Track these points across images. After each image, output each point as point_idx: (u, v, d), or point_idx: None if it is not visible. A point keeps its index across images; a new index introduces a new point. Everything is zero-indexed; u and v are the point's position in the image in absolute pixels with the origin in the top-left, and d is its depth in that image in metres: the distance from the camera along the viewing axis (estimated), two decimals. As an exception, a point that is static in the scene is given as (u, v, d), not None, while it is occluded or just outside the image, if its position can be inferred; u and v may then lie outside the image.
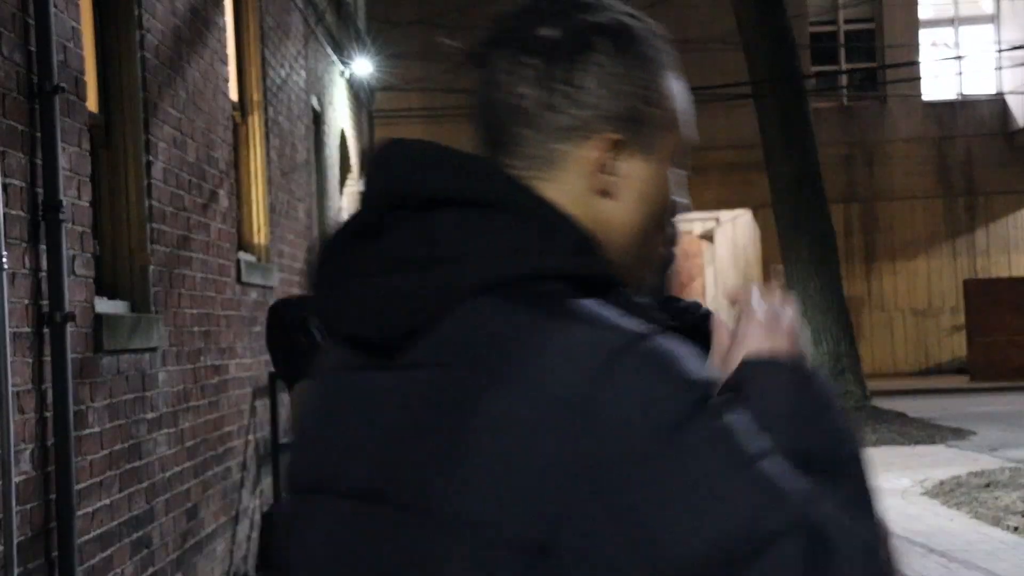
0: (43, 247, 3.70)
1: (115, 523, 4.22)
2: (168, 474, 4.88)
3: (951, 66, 20.85)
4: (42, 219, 3.69)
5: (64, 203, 3.76)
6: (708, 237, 30.87)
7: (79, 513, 3.83)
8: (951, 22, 22.69)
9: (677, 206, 1.09)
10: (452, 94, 18.47)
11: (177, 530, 4.97)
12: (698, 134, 1.15)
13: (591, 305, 0.86)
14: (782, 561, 0.79)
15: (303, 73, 8.79)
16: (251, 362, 6.46)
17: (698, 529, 0.79)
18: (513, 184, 0.93)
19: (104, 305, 4.33)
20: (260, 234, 6.98)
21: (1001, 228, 22.68)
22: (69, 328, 3.77)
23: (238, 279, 6.19)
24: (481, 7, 19.59)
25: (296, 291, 8.03)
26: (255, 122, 7.04)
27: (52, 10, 3.76)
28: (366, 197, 1.02)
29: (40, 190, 3.70)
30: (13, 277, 3.48)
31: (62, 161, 3.80)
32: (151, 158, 4.80)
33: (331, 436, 0.94)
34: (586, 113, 0.95)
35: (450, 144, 1.06)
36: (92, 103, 4.45)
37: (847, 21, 22.58)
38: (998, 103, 22.44)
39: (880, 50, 22.21)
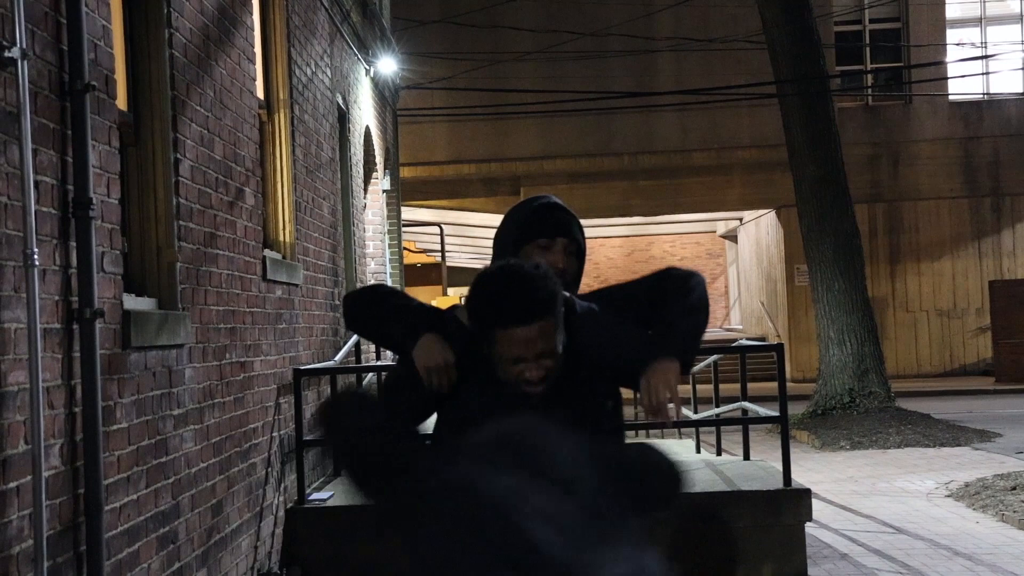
0: (73, 244, 3.73)
1: (142, 518, 4.25)
2: (194, 470, 4.91)
3: (977, 66, 20.68)
4: (72, 216, 3.72)
5: (94, 200, 3.79)
6: (731, 237, 30.77)
7: (107, 508, 3.86)
8: (978, 21, 22.50)
9: None
10: (475, 93, 18.50)
11: (202, 526, 5.00)
12: (722, 134, 1.15)
13: None
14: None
15: (329, 72, 8.82)
16: (276, 359, 6.49)
17: None
18: None
19: (132, 302, 4.36)
20: (286, 232, 7.01)
21: (1027, 229, 22.48)
22: (98, 324, 3.80)
23: (263, 276, 6.22)
24: (504, 7, 19.62)
25: (322, 288, 8.06)
26: (281, 120, 7.07)
27: (83, 9, 3.79)
28: None
29: (71, 187, 3.74)
30: (44, 273, 3.52)
31: (92, 159, 3.83)
32: (179, 156, 4.83)
33: None
34: None
35: (469, 141, 1.06)
36: (121, 101, 4.48)
37: (872, 20, 22.44)
38: (1025, 103, 22.24)
39: (906, 49, 22.05)
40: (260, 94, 6.72)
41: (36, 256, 3.39)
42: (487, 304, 2.25)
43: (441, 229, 23.49)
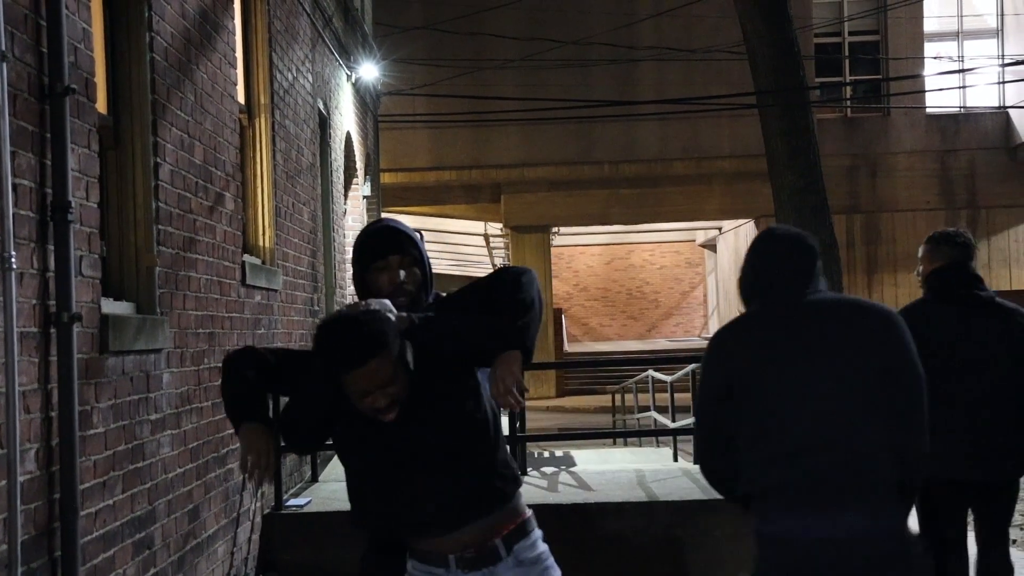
0: (51, 247, 3.72)
1: (118, 523, 4.23)
2: (170, 475, 4.89)
3: (954, 79, 20.87)
4: (50, 219, 3.71)
5: (72, 204, 3.77)
6: (710, 246, 30.88)
7: (82, 513, 3.84)
8: (955, 36, 22.72)
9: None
10: (457, 99, 18.51)
11: (179, 531, 4.98)
12: (702, 144, 1.18)
13: None
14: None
15: (310, 77, 8.81)
16: (254, 365, 6.47)
17: None
18: None
19: (110, 306, 4.34)
20: (265, 237, 7.00)
21: (1002, 241, 22.68)
22: (75, 328, 3.78)
23: (243, 281, 6.20)
24: (486, 15, 19.64)
25: (301, 294, 8.04)
26: (262, 125, 7.06)
27: (64, 12, 3.78)
28: None
29: (49, 190, 3.72)
30: (21, 277, 3.50)
31: (71, 162, 3.81)
32: (159, 160, 4.82)
33: None
34: None
35: (450, 147, 1.11)
36: (101, 104, 4.47)
37: (852, 33, 22.61)
38: (1001, 117, 22.46)
39: (884, 62, 22.23)
40: (241, 99, 6.70)
41: (14, 259, 3.38)
42: (326, 354, 2.57)
43: (421, 235, 23.41)
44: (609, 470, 8.02)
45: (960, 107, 22.52)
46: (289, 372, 2.81)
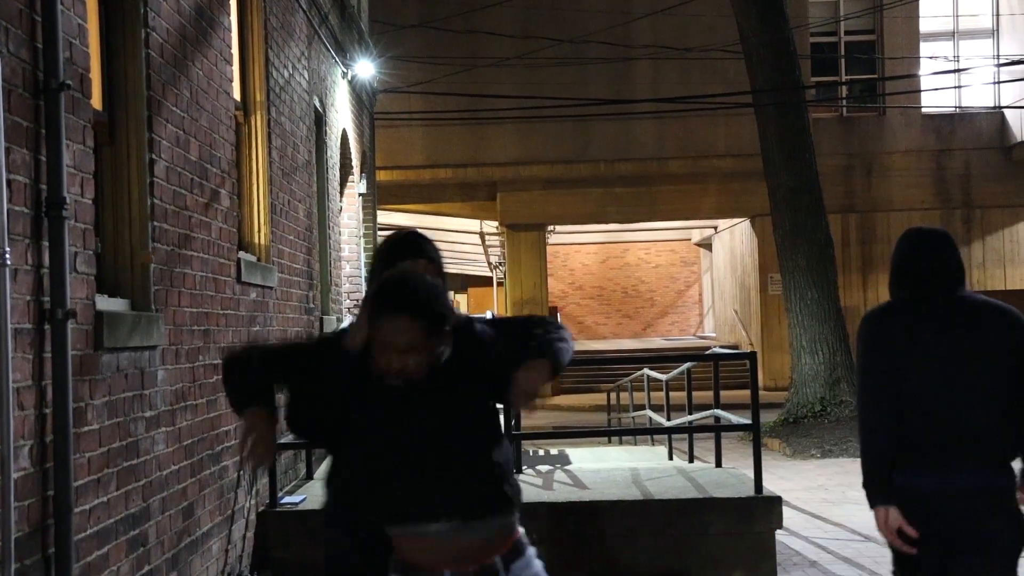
0: (46, 244, 3.71)
1: (112, 520, 4.23)
2: (165, 472, 4.88)
3: (950, 79, 20.90)
4: (45, 216, 3.70)
5: (67, 200, 3.76)
6: (706, 245, 30.89)
7: (76, 510, 3.83)
8: (951, 36, 22.74)
9: None
10: (453, 97, 18.50)
11: (173, 528, 4.97)
12: (698, 143, 1.18)
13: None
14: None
15: (306, 74, 8.80)
16: (249, 362, 6.46)
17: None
18: None
19: (104, 303, 4.33)
20: (260, 234, 6.99)
21: (997, 241, 22.72)
22: (70, 325, 3.77)
23: (238, 279, 6.19)
24: (482, 13, 19.67)
25: (296, 291, 8.03)
26: (257, 122, 7.05)
27: (59, 7, 3.77)
28: None
29: (44, 187, 3.71)
30: (16, 273, 3.49)
31: (66, 158, 3.80)
32: (154, 156, 4.81)
33: None
34: None
35: (446, 145, 1.11)
36: (96, 101, 4.46)
37: (848, 33, 22.63)
38: (996, 117, 22.49)
39: (880, 62, 22.25)
40: (237, 95, 6.69)
41: (8, 256, 3.37)
42: (377, 292, 2.64)
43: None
44: (604, 468, 8.03)
45: (956, 107, 22.55)
46: (295, 361, 2.85)
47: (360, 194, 12.54)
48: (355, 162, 12.23)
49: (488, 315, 13.08)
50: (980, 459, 3.35)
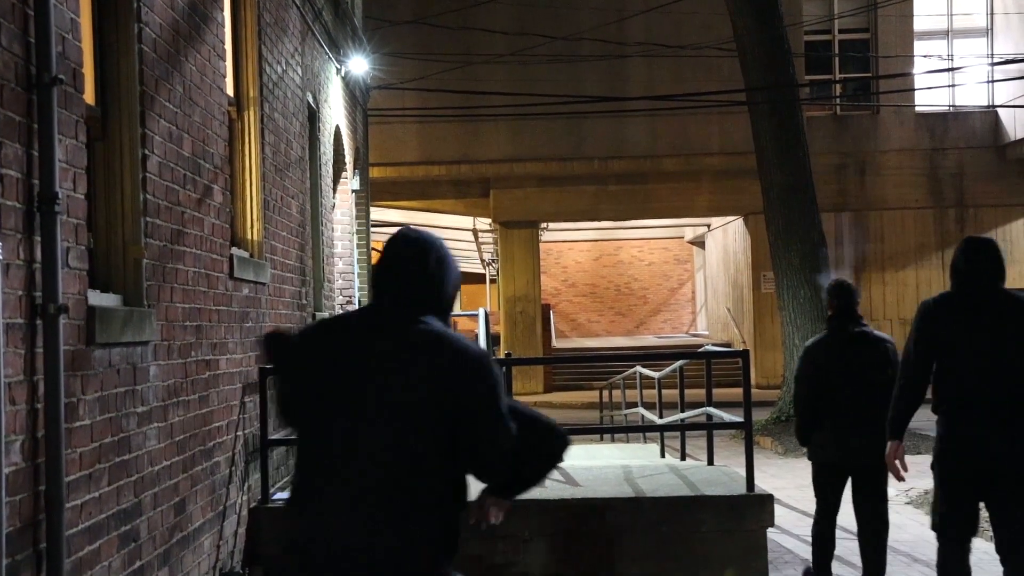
0: (38, 239, 3.70)
1: (103, 516, 4.22)
2: (157, 468, 4.88)
3: (944, 78, 20.94)
4: (37, 210, 3.69)
5: (60, 195, 3.76)
6: (699, 243, 30.92)
7: (68, 505, 3.82)
8: (945, 34, 22.79)
9: None
10: (447, 94, 18.50)
11: (164, 524, 4.97)
12: (692, 140, 1.18)
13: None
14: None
15: (299, 70, 8.79)
16: (241, 357, 6.46)
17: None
18: None
19: (97, 298, 4.33)
20: (253, 230, 6.98)
21: (990, 240, 22.77)
22: (62, 320, 3.77)
23: (230, 274, 6.19)
24: (476, 10, 19.60)
25: (289, 288, 8.02)
26: (251, 118, 7.04)
27: (52, 2, 3.76)
28: None
29: (36, 181, 3.70)
30: (7, 268, 3.48)
31: (58, 153, 3.79)
32: (146, 152, 4.80)
33: None
34: None
35: (439, 142, 1.11)
36: (89, 95, 4.45)
37: (842, 31, 22.66)
38: (990, 116, 22.55)
39: (874, 60, 22.29)
40: (230, 91, 6.68)
41: (0, 250, 3.36)
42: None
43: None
44: (596, 466, 8.03)
45: (949, 106, 22.60)
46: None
47: (353, 190, 12.52)
48: (348, 158, 12.21)
49: (480, 312, 13.06)
50: (1011, 416, 4.49)
